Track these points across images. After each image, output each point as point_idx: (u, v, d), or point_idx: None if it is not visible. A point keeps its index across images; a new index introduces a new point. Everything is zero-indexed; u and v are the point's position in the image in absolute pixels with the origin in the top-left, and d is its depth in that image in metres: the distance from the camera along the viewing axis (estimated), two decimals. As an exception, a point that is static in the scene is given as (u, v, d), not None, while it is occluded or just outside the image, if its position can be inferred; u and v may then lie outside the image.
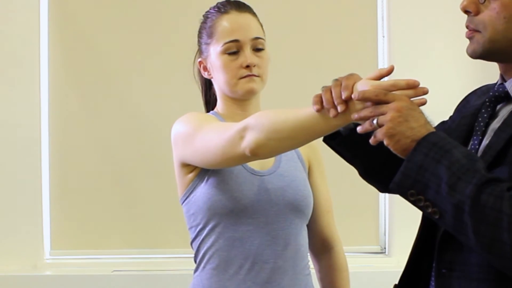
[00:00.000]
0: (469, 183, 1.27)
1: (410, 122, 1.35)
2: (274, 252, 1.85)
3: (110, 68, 3.36)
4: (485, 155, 1.40)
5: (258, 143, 1.60)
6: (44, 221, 3.33)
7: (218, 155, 1.71)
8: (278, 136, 1.58)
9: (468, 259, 1.40)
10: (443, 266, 1.44)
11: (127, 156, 3.34)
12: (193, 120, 1.84)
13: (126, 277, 3.24)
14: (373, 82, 1.42)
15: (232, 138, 1.66)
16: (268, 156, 1.69)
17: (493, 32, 1.42)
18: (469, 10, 1.46)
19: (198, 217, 1.86)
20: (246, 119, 1.66)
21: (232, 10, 1.90)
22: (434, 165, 1.31)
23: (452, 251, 1.43)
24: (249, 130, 1.62)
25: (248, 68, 1.87)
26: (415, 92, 1.39)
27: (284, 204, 1.87)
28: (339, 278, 2.03)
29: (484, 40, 1.44)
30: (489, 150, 1.40)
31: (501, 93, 1.48)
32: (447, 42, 3.21)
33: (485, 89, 1.59)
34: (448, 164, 1.30)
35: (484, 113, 1.49)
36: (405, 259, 1.57)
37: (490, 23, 1.43)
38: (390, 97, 1.38)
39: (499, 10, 1.42)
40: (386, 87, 1.39)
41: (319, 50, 3.37)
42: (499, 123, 1.44)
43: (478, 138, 1.47)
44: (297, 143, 1.61)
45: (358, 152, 1.60)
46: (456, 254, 1.42)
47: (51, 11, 3.35)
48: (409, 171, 1.33)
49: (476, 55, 1.46)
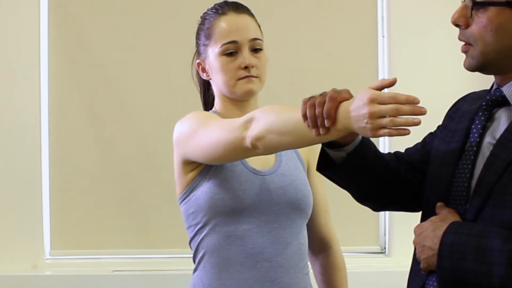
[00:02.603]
0: (500, 264, 1.33)
1: (426, 243, 1.44)
2: (276, 250, 1.85)
3: (110, 68, 3.36)
4: (492, 165, 1.42)
5: (259, 135, 1.60)
6: (44, 221, 3.33)
7: (221, 147, 1.71)
8: (279, 131, 1.57)
9: None
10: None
11: (127, 156, 3.35)
12: (197, 117, 1.84)
13: (126, 277, 3.24)
14: (375, 92, 1.39)
15: (237, 129, 1.66)
16: (267, 151, 1.68)
17: (483, 45, 1.45)
18: (459, 24, 1.48)
19: (199, 216, 1.86)
20: (253, 111, 1.67)
21: (229, 11, 1.90)
22: (462, 263, 1.37)
23: None
24: (254, 121, 1.63)
25: (246, 69, 1.87)
26: (413, 110, 1.36)
27: (286, 203, 1.87)
28: (337, 278, 2.04)
29: (476, 54, 1.46)
30: (496, 160, 1.41)
31: (497, 97, 1.49)
32: (447, 42, 3.20)
33: (474, 95, 1.62)
34: (472, 256, 1.36)
35: (481, 116, 1.50)
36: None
37: (479, 36, 1.45)
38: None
39: (486, 24, 1.44)
40: (386, 99, 1.37)
41: (319, 50, 3.37)
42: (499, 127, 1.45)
43: (476, 140, 1.48)
44: (295, 142, 1.59)
45: (352, 179, 1.63)
46: None
47: (51, 11, 3.35)
48: (445, 277, 1.40)
49: (472, 68, 1.49)
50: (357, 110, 1.39)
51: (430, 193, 1.57)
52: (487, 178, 1.42)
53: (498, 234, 1.35)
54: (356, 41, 3.38)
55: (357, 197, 1.70)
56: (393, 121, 1.36)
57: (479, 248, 1.35)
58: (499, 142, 1.44)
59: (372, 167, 1.60)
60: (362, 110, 1.38)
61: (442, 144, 1.58)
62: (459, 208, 1.47)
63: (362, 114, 1.38)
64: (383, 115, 1.36)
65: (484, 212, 1.42)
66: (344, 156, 1.57)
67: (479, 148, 1.48)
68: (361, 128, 1.40)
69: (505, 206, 1.39)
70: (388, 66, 3.34)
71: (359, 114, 1.39)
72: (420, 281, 1.51)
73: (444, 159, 1.54)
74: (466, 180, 1.47)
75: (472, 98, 1.61)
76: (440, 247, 1.39)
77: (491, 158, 1.43)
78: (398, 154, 1.72)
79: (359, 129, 1.41)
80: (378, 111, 1.36)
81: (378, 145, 3.25)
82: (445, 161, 1.54)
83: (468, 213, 1.45)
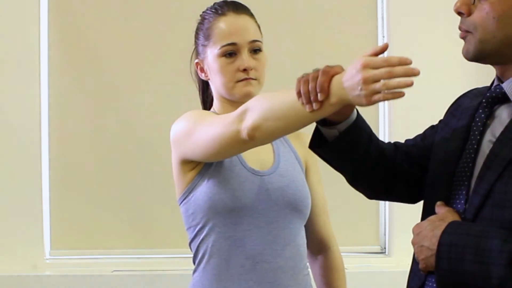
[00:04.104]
0: (499, 265, 1.32)
1: (424, 243, 1.42)
2: (275, 251, 1.85)
3: (110, 67, 3.36)
4: (492, 164, 1.41)
5: (255, 124, 1.60)
6: (44, 221, 3.32)
7: (217, 142, 1.71)
8: (274, 116, 1.58)
9: None
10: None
11: (127, 156, 3.34)
12: (193, 116, 1.84)
13: (126, 277, 3.24)
14: (368, 57, 1.40)
15: (232, 122, 1.66)
16: (264, 140, 1.68)
17: (483, 33, 1.44)
18: (462, 11, 1.47)
19: (198, 217, 1.86)
20: (246, 102, 1.67)
21: (229, 12, 1.89)
22: (461, 264, 1.36)
23: None
24: (248, 112, 1.63)
25: (245, 71, 1.86)
26: (405, 71, 1.37)
27: (284, 204, 1.87)
28: (336, 279, 2.03)
29: (475, 41, 1.45)
30: (496, 159, 1.41)
31: (498, 94, 1.48)
32: (447, 42, 3.20)
33: (476, 92, 1.60)
34: (471, 257, 1.34)
35: (482, 113, 1.49)
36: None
37: (481, 23, 1.44)
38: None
39: (488, 11, 1.43)
40: (379, 63, 1.37)
41: (319, 50, 3.36)
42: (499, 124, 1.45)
43: (476, 138, 1.48)
44: (291, 124, 1.59)
45: (345, 159, 1.61)
46: None
47: (51, 11, 3.34)
48: (443, 279, 1.39)
49: (470, 56, 1.47)
50: (351, 79, 1.41)
51: (430, 192, 1.57)
52: (486, 177, 1.41)
53: (497, 234, 1.34)
54: (356, 41, 3.38)
55: (349, 180, 1.68)
56: (386, 85, 1.36)
57: (478, 249, 1.34)
58: (499, 140, 1.43)
59: (365, 149, 1.59)
60: (356, 77, 1.39)
61: (443, 142, 1.58)
62: (458, 207, 1.47)
63: (356, 81, 1.39)
64: (377, 80, 1.37)
65: (483, 211, 1.41)
66: (337, 134, 1.56)
67: (479, 146, 1.47)
68: (355, 96, 1.40)
69: (504, 206, 1.38)
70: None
71: (353, 81, 1.40)
72: (418, 281, 1.51)
73: (445, 158, 1.54)
74: (467, 178, 1.47)
75: (474, 94, 1.60)
76: (439, 248, 1.38)
77: (491, 156, 1.42)
78: (397, 144, 1.71)
79: (354, 98, 1.41)
80: (372, 75, 1.37)
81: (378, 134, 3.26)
82: (445, 160, 1.53)
83: (468, 213, 1.44)
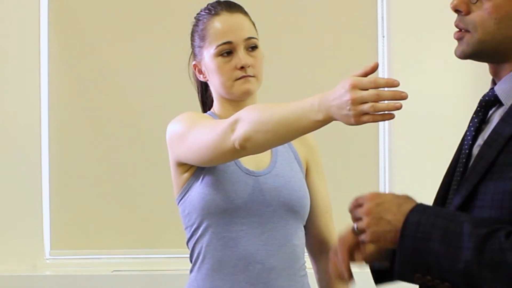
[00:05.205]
0: (468, 249, 1.24)
1: (385, 216, 1.32)
2: (268, 252, 1.84)
3: (110, 68, 3.36)
4: (476, 166, 1.37)
5: (246, 136, 1.61)
6: (44, 221, 3.33)
7: (210, 149, 1.71)
8: (264, 128, 1.58)
9: None
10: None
11: (127, 156, 3.35)
12: (187, 119, 1.84)
13: (126, 277, 3.24)
14: (356, 78, 1.41)
15: (224, 131, 1.66)
16: (255, 151, 1.68)
17: (483, 33, 1.40)
18: (460, 10, 1.43)
19: (193, 217, 1.86)
20: (238, 112, 1.67)
21: (223, 11, 1.89)
22: (426, 243, 1.28)
23: None
24: (240, 122, 1.63)
25: (242, 69, 1.86)
26: (393, 94, 1.37)
27: (279, 204, 1.86)
28: (336, 280, 2.02)
29: (473, 41, 1.41)
30: (481, 161, 1.38)
31: (490, 97, 1.44)
32: (447, 42, 3.20)
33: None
34: (438, 237, 1.27)
35: (475, 118, 1.46)
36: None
37: (481, 23, 1.40)
38: (360, 201, 1.35)
39: (491, 11, 1.39)
40: (366, 84, 1.38)
41: (319, 50, 3.36)
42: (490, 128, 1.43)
43: (469, 143, 1.46)
44: (281, 138, 1.60)
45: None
46: None
47: (51, 11, 3.35)
48: (405, 258, 1.30)
49: (465, 56, 1.44)
50: (339, 97, 1.41)
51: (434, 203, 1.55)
52: (470, 178, 1.38)
53: (467, 218, 1.29)
54: (356, 41, 3.38)
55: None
56: (374, 107, 1.37)
57: (447, 231, 1.27)
58: (486, 143, 1.39)
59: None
60: (345, 96, 1.39)
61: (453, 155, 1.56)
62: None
63: (344, 101, 1.39)
64: (365, 101, 1.37)
65: (464, 211, 1.38)
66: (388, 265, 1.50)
67: (471, 151, 1.44)
68: (343, 115, 1.41)
69: (484, 206, 1.35)
70: (388, 66, 3.34)
71: (341, 101, 1.40)
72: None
73: (448, 169, 1.52)
74: (457, 184, 1.44)
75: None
76: (404, 225, 1.29)
77: (477, 159, 1.39)
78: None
79: (342, 117, 1.41)
80: (360, 97, 1.37)
81: (378, 140, 3.26)
82: (447, 171, 1.50)
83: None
